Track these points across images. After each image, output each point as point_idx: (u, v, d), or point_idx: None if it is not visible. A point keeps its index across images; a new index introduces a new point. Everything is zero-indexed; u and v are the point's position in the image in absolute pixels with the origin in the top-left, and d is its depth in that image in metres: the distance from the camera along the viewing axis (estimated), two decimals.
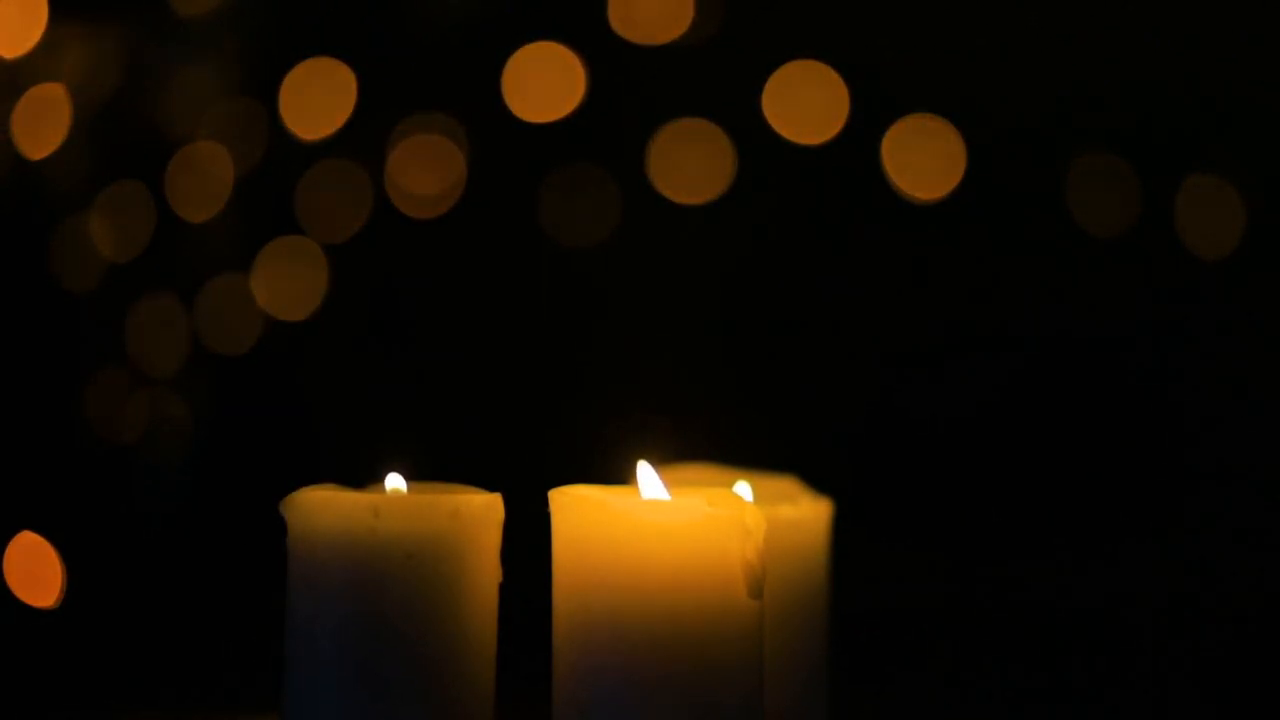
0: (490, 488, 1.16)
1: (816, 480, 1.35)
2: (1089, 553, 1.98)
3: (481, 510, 1.14)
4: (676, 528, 1.09)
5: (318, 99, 2.02)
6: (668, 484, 1.14)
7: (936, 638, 1.97)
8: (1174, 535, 1.96)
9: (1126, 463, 1.99)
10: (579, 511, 1.11)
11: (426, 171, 2.03)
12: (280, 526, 1.14)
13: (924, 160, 1.97)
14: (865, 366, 2.02)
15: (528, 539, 1.17)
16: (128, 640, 1.96)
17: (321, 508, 1.12)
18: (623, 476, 1.15)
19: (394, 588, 1.11)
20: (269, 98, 2.02)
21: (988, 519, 1.99)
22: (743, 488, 1.23)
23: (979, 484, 2.00)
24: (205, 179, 2.02)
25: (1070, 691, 1.93)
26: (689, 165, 2.00)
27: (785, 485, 1.33)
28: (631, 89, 2.01)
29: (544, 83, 2.00)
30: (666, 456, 1.33)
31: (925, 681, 1.95)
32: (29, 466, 1.99)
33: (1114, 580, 1.97)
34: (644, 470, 1.14)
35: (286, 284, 2.03)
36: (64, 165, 1.99)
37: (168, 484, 2.02)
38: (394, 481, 1.17)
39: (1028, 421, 1.99)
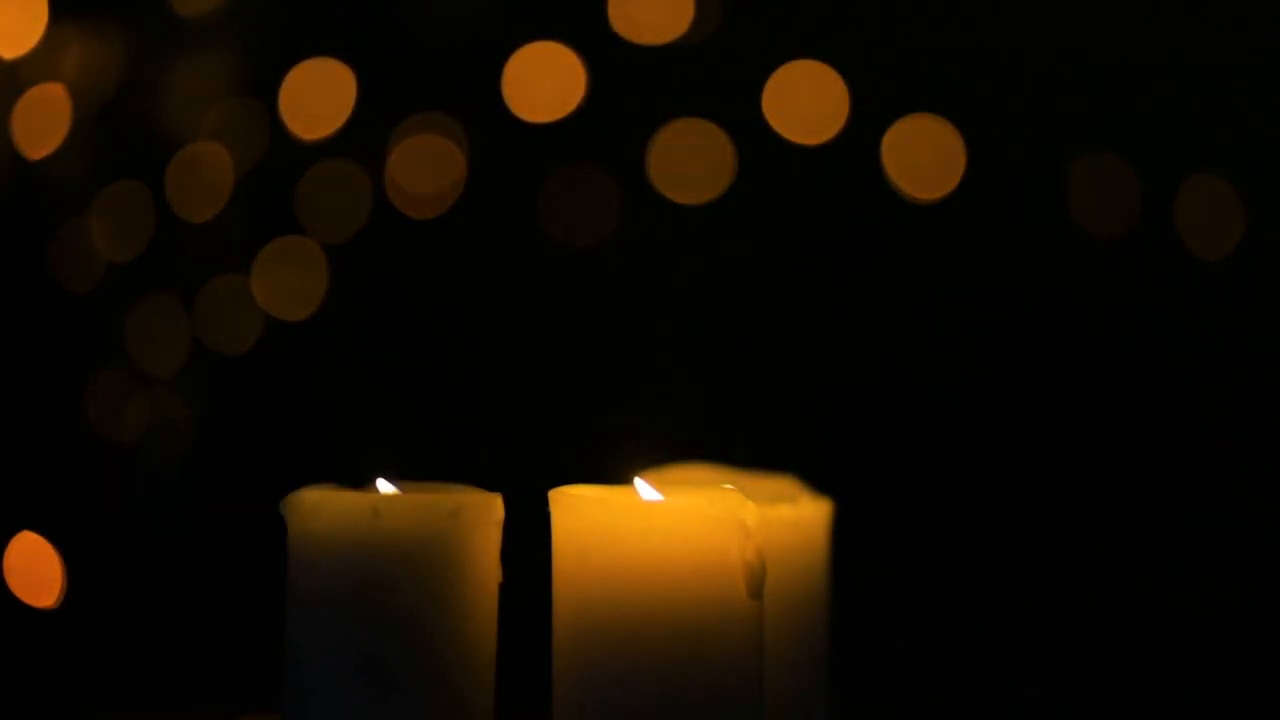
0: (490, 488, 1.16)
1: (816, 480, 1.35)
2: (1088, 552, 1.98)
3: (481, 510, 1.14)
4: (676, 528, 1.09)
5: (318, 99, 2.02)
6: (667, 484, 1.14)
7: (937, 637, 1.98)
8: (1172, 534, 1.97)
9: (1126, 462, 1.99)
10: (579, 511, 1.11)
11: (426, 171, 2.03)
12: (280, 526, 1.14)
13: (924, 160, 1.97)
14: (865, 366, 2.02)
15: (528, 539, 1.17)
16: (128, 640, 1.96)
17: (321, 508, 1.12)
18: (623, 476, 1.15)
19: (394, 588, 1.11)
20: (269, 98, 2.02)
21: (987, 519, 1.99)
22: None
23: (979, 484, 2.00)
24: (205, 179, 2.02)
25: (1071, 691, 1.93)
26: (689, 165, 2.00)
27: (785, 485, 1.33)
28: (631, 89, 2.01)
29: (544, 83, 2.00)
30: (665, 457, 1.33)
31: (925, 681, 1.95)
32: (29, 466, 1.99)
33: (1113, 579, 1.97)
34: (640, 485, 1.14)
35: (286, 284, 2.04)
36: (64, 165, 1.99)
37: (168, 484, 2.02)
38: (383, 487, 1.17)
39: (1027, 421, 2.00)
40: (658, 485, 1.13)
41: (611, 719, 1.09)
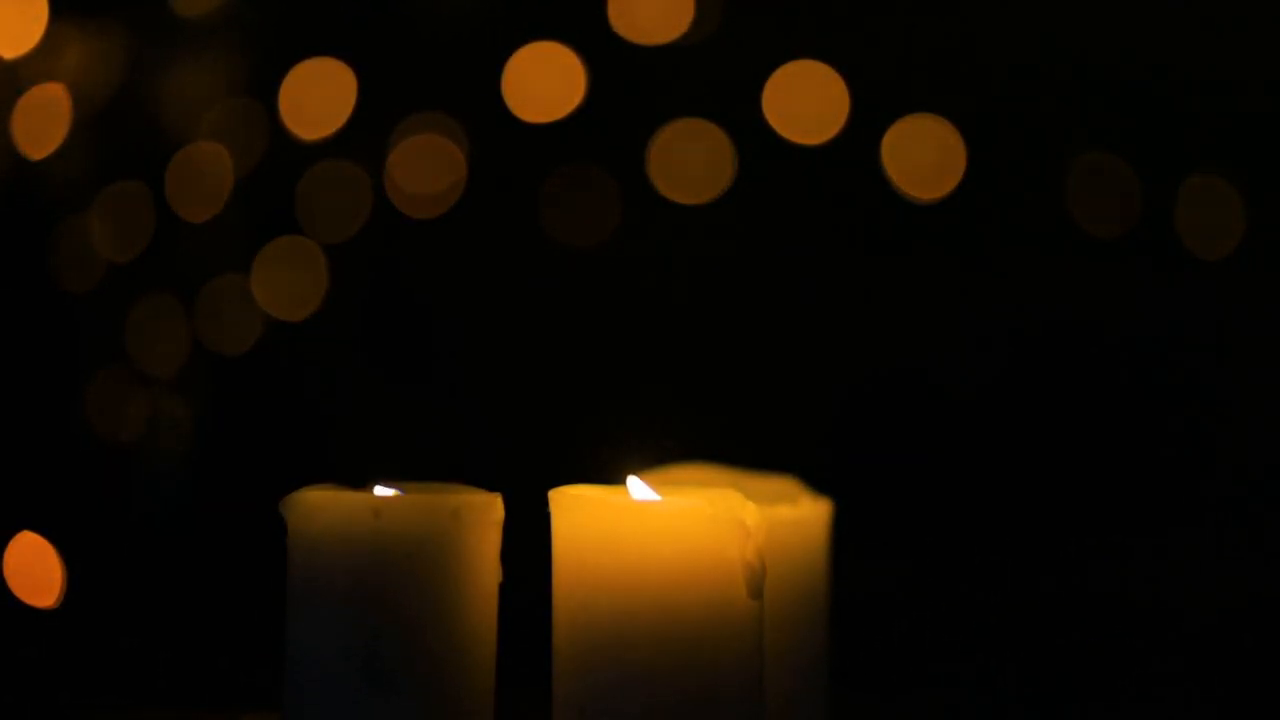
0: (490, 488, 1.16)
1: (816, 480, 1.35)
2: (1088, 552, 1.98)
3: (481, 510, 1.14)
4: (676, 528, 1.09)
5: (318, 99, 2.02)
6: (667, 484, 1.14)
7: (937, 637, 1.98)
8: (1173, 534, 1.97)
9: (1125, 462, 1.99)
10: (579, 511, 1.11)
11: (426, 171, 2.03)
12: (280, 526, 1.14)
13: (924, 160, 1.97)
14: (865, 366, 2.02)
15: (528, 539, 1.17)
16: (128, 640, 1.96)
17: (321, 508, 1.12)
18: (622, 477, 1.15)
19: (394, 588, 1.11)
20: (269, 98, 2.02)
21: (988, 519, 1.99)
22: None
23: (979, 484, 2.00)
24: (205, 179, 2.02)
25: (1073, 691, 1.93)
26: (689, 165, 2.00)
27: (785, 485, 1.33)
28: (631, 89, 2.01)
29: (544, 83, 2.00)
30: (666, 457, 1.33)
31: (925, 681, 1.95)
32: (29, 466, 1.99)
33: (1113, 579, 1.97)
34: (635, 484, 1.14)
35: (286, 284, 2.04)
36: (64, 165, 1.99)
37: (168, 484, 2.02)
38: (382, 492, 1.16)
39: (1028, 422, 2.00)
40: (657, 485, 1.13)
41: (611, 719, 1.09)
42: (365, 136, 2.02)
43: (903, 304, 2.01)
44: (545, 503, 1.12)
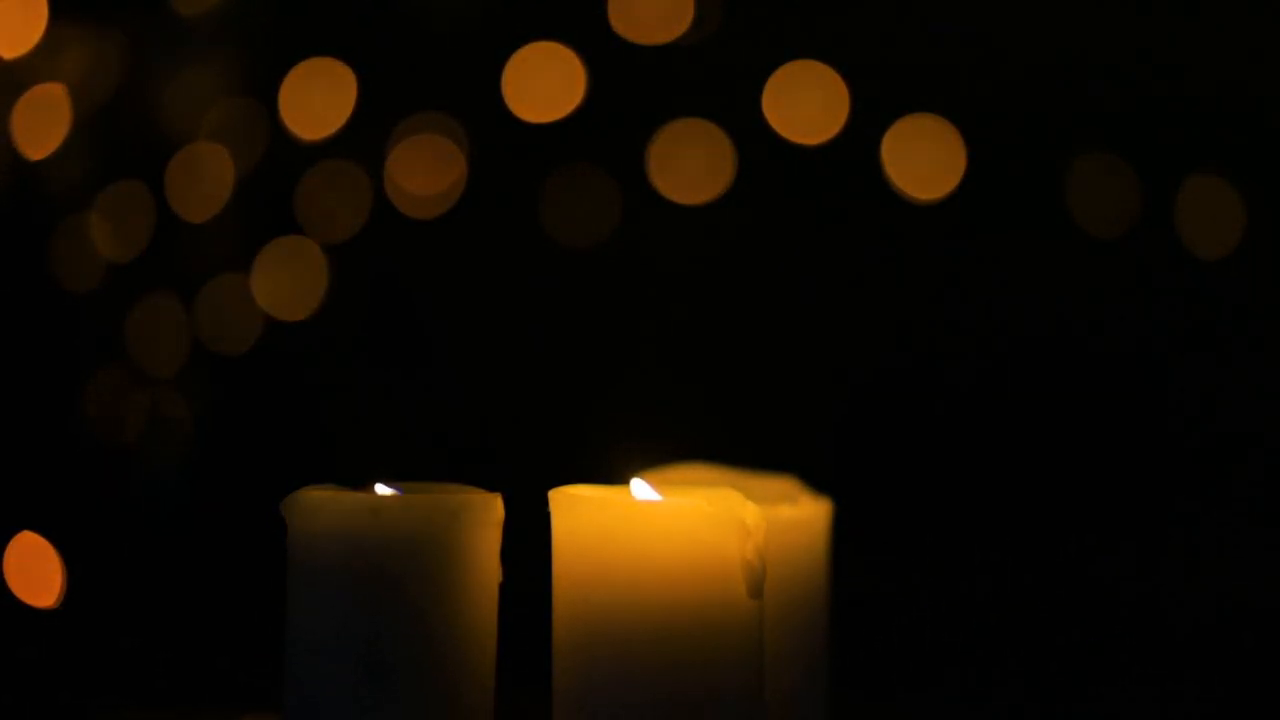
0: (490, 488, 1.16)
1: (816, 480, 1.35)
2: (1088, 552, 1.98)
3: (481, 510, 1.14)
4: (676, 528, 1.09)
5: (318, 99, 2.02)
6: (667, 484, 1.14)
7: (937, 637, 1.98)
8: (1172, 533, 1.97)
9: (1126, 462, 1.99)
10: (579, 511, 1.11)
11: (426, 171, 2.03)
12: (280, 526, 1.14)
13: (924, 160, 1.97)
14: (865, 366, 2.02)
15: (528, 539, 1.17)
16: (128, 640, 1.96)
17: (321, 508, 1.12)
18: (622, 477, 1.15)
19: (394, 587, 1.11)
20: (269, 98, 2.02)
21: (987, 518, 1.99)
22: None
23: (978, 484, 2.00)
24: (205, 179, 2.02)
25: (1072, 691, 1.93)
26: (689, 165, 2.00)
27: (785, 485, 1.33)
28: (631, 89, 2.01)
29: (544, 83, 2.01)
30: (665, 457, 1.33)
31: (925, 681, 1.95)
32: (29, 466, 1.99)
33: (1112, 579, 1.97)
34: (637, 485, 1.14)
35: (286, 284, 2.04)
36: (64, 165, 1.99)
37: (168, 484, 2.02)
38: (382, 491, 1.16)
39: (1028, 421, 2.00)
40: (657, 485, 1.13)
41: (611, 719, 1.09)
42: (365, 136, 2.03)
43: (902, 304, 2.01)
44: (545, 503, 1.12)
